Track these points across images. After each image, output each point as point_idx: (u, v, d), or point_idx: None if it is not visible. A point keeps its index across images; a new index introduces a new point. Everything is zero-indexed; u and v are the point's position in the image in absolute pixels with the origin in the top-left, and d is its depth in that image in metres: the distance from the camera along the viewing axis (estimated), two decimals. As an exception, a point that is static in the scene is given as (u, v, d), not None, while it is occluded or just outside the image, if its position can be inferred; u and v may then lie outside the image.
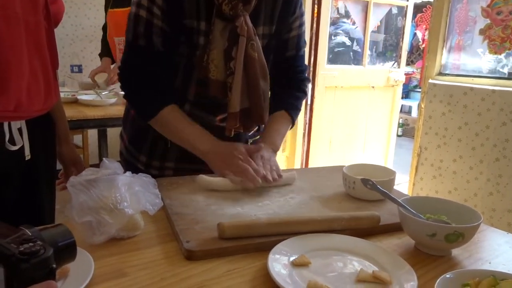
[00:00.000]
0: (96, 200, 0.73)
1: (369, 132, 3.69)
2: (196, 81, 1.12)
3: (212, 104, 1.16)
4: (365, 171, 1.08)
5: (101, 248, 0.74)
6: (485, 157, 2.14)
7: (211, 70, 1.08)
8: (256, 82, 1.10)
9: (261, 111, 1.12)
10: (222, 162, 1.04)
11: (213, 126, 1.19)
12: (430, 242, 0.76)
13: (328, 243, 0.77)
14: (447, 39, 2.35)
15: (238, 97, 1.08)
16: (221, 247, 0.74)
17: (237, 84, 1.07)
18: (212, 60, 1.07)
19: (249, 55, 1.07)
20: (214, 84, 1.09)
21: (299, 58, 1.26)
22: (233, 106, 1.09)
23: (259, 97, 1.11)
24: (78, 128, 2.04)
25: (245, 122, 1.14)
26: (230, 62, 1.06)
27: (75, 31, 3.78)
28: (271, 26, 1.15)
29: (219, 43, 1.07)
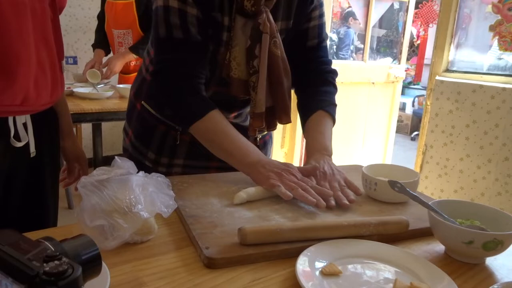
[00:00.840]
0: (109, 203, 0.67)
1: (368, 128, 3.66)
2: (217, 80, 1.06)
3: (227, 101, 1.11)
4: (384, 172, 1.04)
5: (114, 254, 0.69)
6: (494, 156, 2.11)
7: (233, 68, 1.02)
8: (280, 80, 1.05)
9: (287, 109, 1.08)
10: (272, 173, 0.92)
11: None
12: (466, 250, 0.71)
13: (357, 250, 0.72)
14: (455, 35, 2.31)
15: (264, 97, 1.04)
16: (243, 254, 0.69)
17: (262, 83, 1.02)
18: (234, 58, 1.02)
19: (272, 53, 1.02)
20: (235, 83, 1.03)
21: (322, 48, 1.17)
22: (259, 106, 1.04)
23: (284, 95, 1.06)
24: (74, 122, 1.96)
25: (268, 121, 1.09)
26: (253, 60, 1.01)
27: (69, 21, 3.68)
28: (289, 21, 1.09)
29: (241, 40, 1.01)
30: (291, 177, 0.91)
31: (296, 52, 1.13)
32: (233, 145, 0.97)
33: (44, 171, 1.06)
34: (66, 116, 1.18)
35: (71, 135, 1.21)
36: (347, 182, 0.96)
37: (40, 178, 1.06)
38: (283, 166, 0.94)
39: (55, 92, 1.01)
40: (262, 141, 1.25)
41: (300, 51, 1.14)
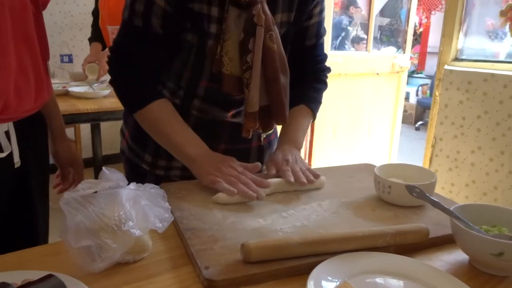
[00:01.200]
0: (95, 221, 0.60)
1: (373, 120, 3.57)
2: (209, 75, 0.99)
3: (224, 99, 1.03)
4: (397, 172, 0.96)
5: (102, 277, 0.62)
6: (507, 148, 2.03)
7: (225, 64, 0.94)
8: (276, 77, 0.97)
9: (282, 109, 1.00)
10: (211, 167, 0.92)
11: (224, 122, 1.07)
12: (495, 262, 0.64)
13: (373, 265, 0.65)
14: (464, 22, 2.22)
15: (257, 95, 0.96)
16: (247, 274, 0.62)
17: (256, 80, 0.94)
18: (226, 53, 0.94)
19: (267, 47, 0.94)
20: (228, 79, 0.96)
21: (318, 47, 1.14)
22: (252, 105, 0.96)
23: (280, 94, 0.98)
24: (70, 123, 1.90)
25: (264, 121, 1.01)
26: (247, 55, 0.93)
27: (64, 18, 3.59)
28: (290, 13, 1.01)
29: (234, 33, 0.93)
30: (230, 171, 0.90)
31: (292, 50, 1.07)
32: (174, 136, 0.96)
33: (30, 180, 1.00)
34: (57, 118, 1.11)
35: (63, 138, 1.14)
36: (309, 169, 0.98)
37: (27, 186, 0.99)
38: (224, 160, 0.94)
39: (40, 96, 0.94)
40: (266, 141, 1.18)
41: (297, 50, 1.09)
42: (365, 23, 3.50)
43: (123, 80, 0.98)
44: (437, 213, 0.85)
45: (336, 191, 0.96)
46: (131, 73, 0.96)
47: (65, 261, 0.65)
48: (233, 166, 0.92)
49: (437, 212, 0.85)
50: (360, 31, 3.56)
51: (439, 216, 0.84)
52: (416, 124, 7.03)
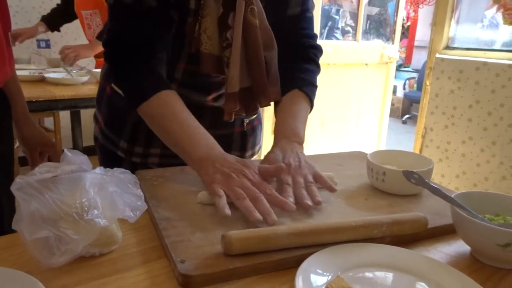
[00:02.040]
0: (54, 209, 0.53)
1: (362, 110, 3.53)
2: (187, 57, 0.91)
3: (203, 82, 0.95)
4: (391, 159, 0.90)
5: (63, 273, 0.54)
6: (499, 138, 1.99)
7: (203, 42, 0.86)
8: (257, 54, 0.88)
9: (264, 90, 0.91)
10: (218, 173, 0.74)
11: (204, 106, 0.99)
12: (501, 254, 0.58)
13: (368, 257, 0.59)
14: (456, 9, 2.16)
15: (238, 73, 0.87)
16: (228, 268, 0.55)
17: (236, 58, 0.86)
18: (204, 30, 0.85)
19: (248, 23, 0.86)
20: (207, 59, 0.87)
21: (305, 19, 1.01)
22: (232, 85, 0.87)
23: (262, 74, 0.90)
24: (46, 110, 1.80)
25: (246, 103, 0.93)
26: (227, 32, 0.85)
27: (42, 3, 3.45)
28: None
29: (212, 8, 0.85)
30: (243, 181, 0.72)
31: (275, 22, 0.95)
32: (182, 133, 0.82)
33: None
34: (20, 101, 1.03)
35: (28, 121, 1.05)
36: (316, 177, 0.80)
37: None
38: (237, 165, 0.76)
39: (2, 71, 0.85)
40: (250, 126, 1.10)
41: (279, 20, 0.97)
42: (354, 12, 3.44)
43: (122, 73, 0.87)
44: (435, 202, 0.80)
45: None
46: (130, 63, 0.86)
47: (20, 255, 0.58)
48: (246, 174, 0.74)
49: (434, 201, 0.80)
50: (350, 20, 3.49)
51: (436, 204, 0.78)
52: (403, 118, 7.04)
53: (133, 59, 0.86)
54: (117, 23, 0.87)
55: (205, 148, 0.80)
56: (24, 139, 1.06)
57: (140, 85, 0.86)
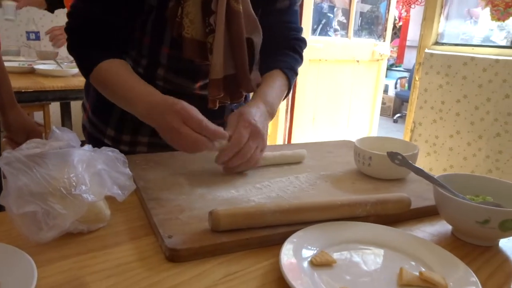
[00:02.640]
0: (42, 183, 0.53)
1: (353, 108, 3.55)
2: (170, 41, 0.91)
3: (190, 68, 0.95)
4: (378, 145, 0.92)
5: (51, 248, 0.55)
6: (485, 132, 2.02)
7: (185, 27, 0.86)
8: (241, 41, 0.88)
9: (245, 76, 0.91)
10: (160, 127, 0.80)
11: (192, 94, 0.99)
12: (480, 231, 0.60)
13: (352, 234, 0.60)
14: (445, 5, 2.19)
15: (221, 60, 0.87)
16: (215, 243, 0.56)
17: (219, 44, 0.86)
18: (186, 14, 0.85)
19: (232, 8, 0.85)
20: (189, 43, 0.87)
21: (292, 13, 1.03)
22: (216, 71, 0.88)
23: (244, 61, 0.89)
24: (35, 101, 1.79)
25: (231, 90, 0.93)
26: (210, 17, 0.85)
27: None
28: None
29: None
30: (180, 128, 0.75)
31: (263, 14, 0.97)
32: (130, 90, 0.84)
33: None
34: (5, 84, 1.02)
35: (13, 105, 1.04)
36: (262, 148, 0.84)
37: None
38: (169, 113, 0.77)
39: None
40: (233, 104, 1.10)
41: (267, 12, 0.98)
42: (346, 9, 3.46)
43: (79, 44, 0.90)
44: (418, 186, 0.81)
45: (314, 165, 0.91)
46: (86, 36, 0.88)
47: (8, 232, 0.58)
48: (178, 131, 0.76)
49: (418, 185, 0.82)
50: (342, 17, 3.52)
51: (420, 188, 0.80)
52: (394, 117, 7.09)
53: (88, 33, 0.88)
54: (81, 1, 0.88)
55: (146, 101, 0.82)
56: (9, 124, 1.05)
57: (88, 56, 0.88)
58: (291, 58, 1.01)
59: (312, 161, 0.93)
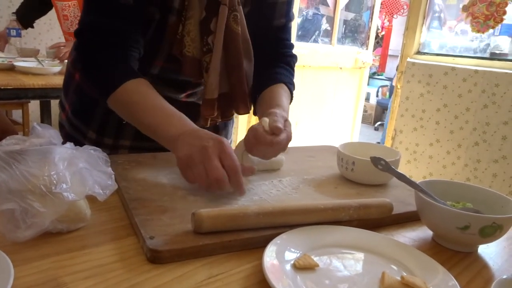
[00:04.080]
0: (22, 181, 0.52)
1: (335, 113, 3.59)
2: (165, 56, 0.90)
3: (179, 81, 0.95)
4: (361, 151, 0.93)
5: (28, 247, 0.53)
6: (464, 141, 2.07)
7: (186, 45, 0.86)
8: (238, 62, 0.89)
9: (245, 97, 0.92)
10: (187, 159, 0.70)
11: (178, 102, 0.98)
12: (460, 236, 0.61)
13: (335, 238, 0.61)
14: (427, 16, 2.24)
15: (217, 80, 0.87)
16: (197, 244, 0.55)
17: (216, 64, 0.86)
18: (188, 33, 0.85)
19: (231, 30, 0.86)
20: (189, 62, 0.86)
21: (287, 30, 1.05)
22: (211, 91, 0.87)
23: (242, 81, 0.90)
24: (14, 99, 1.74)
25: (223, 109, 0.93)
26: (208, 36, 0.85)
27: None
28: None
29: (196, 11, 0.85)
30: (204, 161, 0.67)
31: (259, 30, 0.97)
32: (154, 117, 0.78)
33: None
34: None
35: None
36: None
37: None
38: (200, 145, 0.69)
39: None
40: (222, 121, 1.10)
41: (264, 29, 0.99)
42: (330, 17, 3.50)
43: (94, 63, 0.84)
44: (401, 191, 0.83)
45: (297, 169, 0.91)
46: (99, 56, 0.83)
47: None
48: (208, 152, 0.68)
49: (400, 191, 0.83)
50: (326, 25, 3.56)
51: (401, 194, 0.81)
52: (375, 124, 7.20)
53: (103, 51, 0.83)
54: (91, 15, 0.84)
55: (176, 127, 0.76)
56: None
57: (109, 76, 0.82)
58: (289, 73, 1.03)
59: (295, 165, 0.93)
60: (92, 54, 0.84)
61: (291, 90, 0.98)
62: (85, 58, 0.86)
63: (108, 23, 0.83)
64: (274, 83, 0.96)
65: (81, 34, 0.85)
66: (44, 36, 3.36)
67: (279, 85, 0.95)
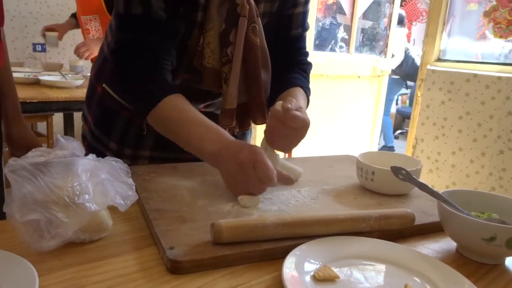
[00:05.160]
0: (46, 192, 0.53)
1: (354, 122, 3.56)
2: (186, 67, 0.92)
3: (200, 91, 0.96)
4: (380, 160, 0.91)
5: (52, 257, 0.54)
6: (488, 149, 2.02)
7: (206, 56, 0.87)
8: (257, 73, 0.90)
9: (262, 107, 0.93)
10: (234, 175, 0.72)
11: None
12: (486, 248, 0.59)
13: (356, 249, 0.60)
14: (447, 22, 2.21)
15: (236, 91, 0.89)
16: (217, 255, 0.56)
17: (235, 75, 0.87)
18: (208, 44, 0.87)
19: (250, 41, 0.87)
20: (208, 73, 0.88)
21: (303, 39, 1.07)
22: (230, 101, 0.89)
23: (260, 91, 0.91)
24: (39, 111, 1.80)
25: (241, 119, 0.94)
26: (227, 47, 0.87)
27: (39, 9, 3.47)
28: (274, 3, 0.95)
29: (216, 23, 0.87)
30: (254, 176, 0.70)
31: (276, 40, 1.00)
32: (192, 133, 0.79)
33: None
34: (12, 97, 1.02)
35: (19, 119, 1.04)
36: None
37: None
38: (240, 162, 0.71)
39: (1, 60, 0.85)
40: (240, 132, 1.11)
41: (282, 39, 1.02)
42: (347, 25, 3.50)
43: (131, 80, 0.85)
44: (423, 202, 0.81)
45: (316, 179, 0.90)
46: (137, 73, 0.84)
47: (10, 239, 0.58)
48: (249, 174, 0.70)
49: (422, 201, 0.81)
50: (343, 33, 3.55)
51: (424, 204, 0.80)
52: (395, 133, 7.10)
53: (140, 68, 0.84)
54: (126, 32, 0.85)
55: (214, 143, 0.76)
56: (12, 139, 1.03)
57: (147, 93, 0.83)
58: (305, 78, 1.04)
59: (314, 175, 0.93)
60: (129, 70, 0.85)
61: (307, 94, 0.99)
62: (122, 75, 0.87)
63: (142, 38, 0.84)
64: (291, 86, 0.97)
65: (116, 52, 0.86)
66: (68, 50, 3.46)
67: (295, 88, 0.96)
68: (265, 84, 0.94)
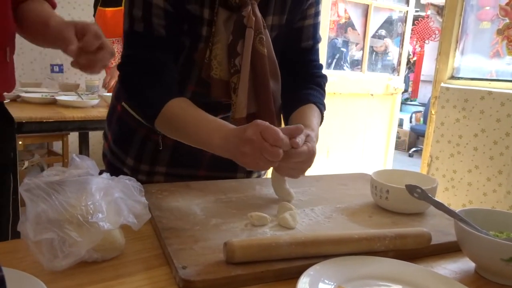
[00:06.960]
0: (60, 211, 0.54)
1: (367, 141, 3.54)
2: (196, 79, 0.94)
3: (211, 104, 0.97)
4: (395, 178, 0.90)
5: (65, 276, 0.55)
6: (505, 167, 1.98)
7: (213, 68, 0.90)
8: (265, 82, 0.91)
9: (271, 117, 0.93)
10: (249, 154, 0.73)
11: None
12: (505, 268, 0.58)
13: (370, 269, 0.59)
14: (460, 40, 2.21)
15: (245, 100, 0.90)
16: (230, 275, 0.55)
17: (244, 84, 0.89)
18: (215, 57, 0.89)
19: (257, 51, 0.89)
20: (216, 84, 0.90)
21: (315, 51, 1.07)
22: (239, 111, 0.90)
23: (269, 100, 0.92)
24: (56, 131, 1.83)
25: None
26: (235, 58, 0.89)
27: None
28: (282, 16, 0.97)
29: (223, 36, 0.89)
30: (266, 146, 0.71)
31: (288, 53, 1.01)
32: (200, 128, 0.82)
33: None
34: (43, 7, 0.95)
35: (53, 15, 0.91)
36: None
37: None
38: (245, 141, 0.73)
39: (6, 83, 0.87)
40: None
41: (293, 52, 1.03)
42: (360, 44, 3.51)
43: (136, 91, 0.89)
44: (439, 220, 0.79)
45: (329, 197, 0.89)
46: (142, 82, 0.88)
47: (23, 258, 0.58)
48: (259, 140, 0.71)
49: (438, 220, 0.80)
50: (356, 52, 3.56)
51: (440, 223, 0.78)
52: (409, 151, 7.02)
53: (144, 78, 0.88)
54: (130, 49, 0.91)
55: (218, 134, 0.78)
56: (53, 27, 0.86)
57: (151, 99, 0.87)
58: (320, 93, 1.04)
59: (327, 193, 0.92)
60: (133, 82, 0.90)
61: (321, 110, 0.99)
62: (128, 87, 0.91)
63: (145, 54, 0.89)
64: (304, 103, 0.97)
65: (122, 66, 0.91)
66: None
67: (309, 106, 0.96)
68: (274, 93, 0.94)
